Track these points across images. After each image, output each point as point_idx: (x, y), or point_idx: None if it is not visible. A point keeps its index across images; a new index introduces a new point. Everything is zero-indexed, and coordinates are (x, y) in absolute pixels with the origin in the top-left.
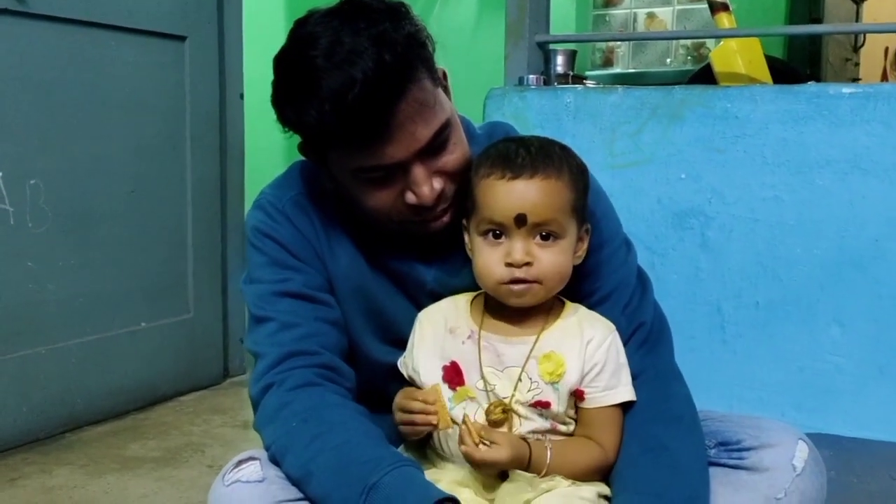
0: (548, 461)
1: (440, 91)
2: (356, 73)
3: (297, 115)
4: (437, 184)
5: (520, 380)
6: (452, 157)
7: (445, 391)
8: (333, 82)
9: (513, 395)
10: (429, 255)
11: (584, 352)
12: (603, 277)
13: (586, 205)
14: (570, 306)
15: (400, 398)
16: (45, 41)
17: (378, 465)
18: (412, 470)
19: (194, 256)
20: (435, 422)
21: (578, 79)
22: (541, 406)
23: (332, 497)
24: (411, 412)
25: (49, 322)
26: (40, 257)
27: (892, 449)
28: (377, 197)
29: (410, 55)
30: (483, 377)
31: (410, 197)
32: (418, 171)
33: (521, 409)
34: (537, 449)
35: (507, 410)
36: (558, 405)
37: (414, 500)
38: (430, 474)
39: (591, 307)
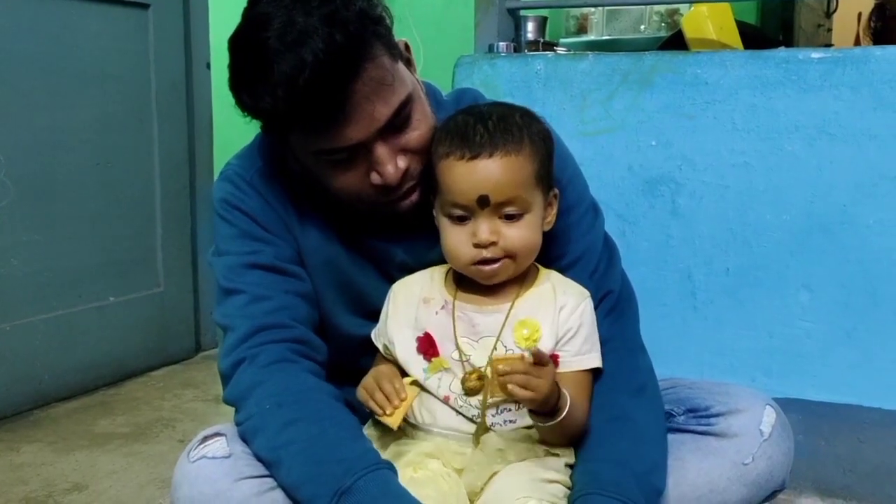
0: (568, 404)
1: (400, 66)
2: (306, 54)
3: (252, 101)
4: (402, 162)
5: (495, 349)
6: (416, 133)
7: (420, 362)
8: (285, 65)
9: (488, 364)
10: (399, 228)
11: (558, 317)
12: (570, 242)
13: (552, 170)
14: (544, 272)
15: (384, 373)
16: (4, 10)
17: (352, 466)
18: (387, 474)
19: (163, 229)
20: (389, 413)
21: (549, 46)
22: None
23: (300, 490)
24: (378, 389)
25: (13, 298)
26: (3, 232)
27: (859, 412)
28: (342, 179)
29: (364, 33)
30: (458, 347)
31: (375, 177)
32: (381, 151)
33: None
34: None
35: (483, 378)
36: None
37: None
38: (399, 445)
39: (558, 272)
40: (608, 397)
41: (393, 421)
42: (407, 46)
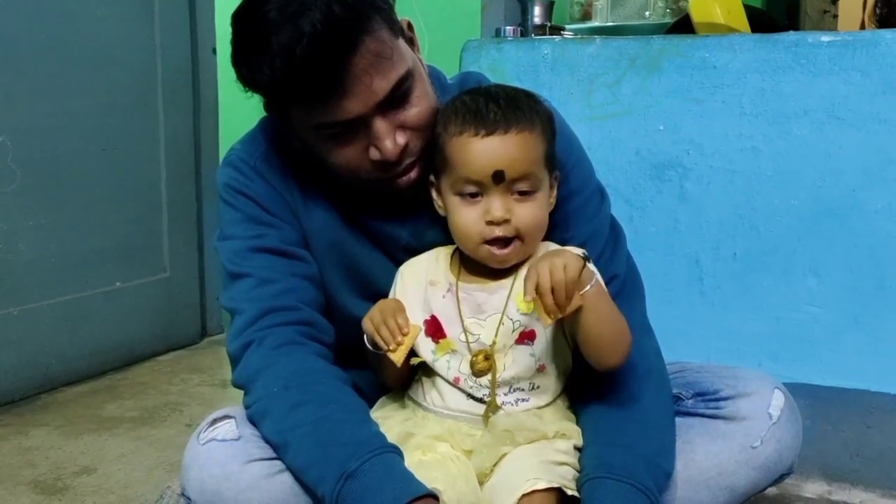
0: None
1: (400, 42)
2: (305, 26)
3: (251, 74)
4: (401, 138)
5: (501, 323)
6: (415, 109)
7: (429, 344)
8: (283, 37)
9: (495, 342)
10: (402, 210)
11: None
12: (575, 227)
13: (555, 151)
14: (541, 245)
15: (389, 307)
16: None
17: (358, 449)
18: (392, 458)
19: (169, 215)
20: (393, 348)
21: (556, 30)
22: (527, 338)
23: (307, 473)
24: (384, 324)
25: (20, 283)
26: (10, 217)
27: (867, 397)
28: (342, 154)
29: (363, 5)
30: (465, 329)
31: (374, 153)
32: (380, 126)
33: (509, 353)
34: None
35: (490, 358)
36: (545, 332)
37: (391, 494)
38: (408, 426)
39: None
40: (616, 380)
41: (397, 357)
42: (410, 25)
